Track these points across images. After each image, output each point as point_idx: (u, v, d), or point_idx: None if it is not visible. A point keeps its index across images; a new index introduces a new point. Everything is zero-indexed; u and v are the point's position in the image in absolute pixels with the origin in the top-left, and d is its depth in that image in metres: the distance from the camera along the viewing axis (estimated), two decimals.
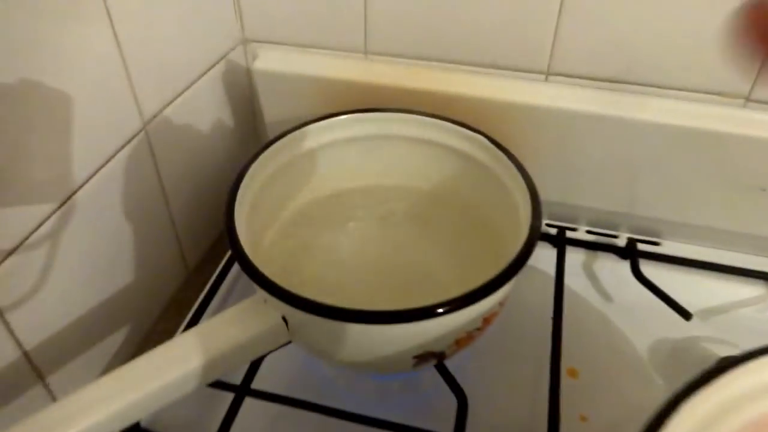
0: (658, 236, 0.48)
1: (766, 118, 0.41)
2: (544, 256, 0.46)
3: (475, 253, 0.38)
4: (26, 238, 0.32)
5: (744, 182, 0.42)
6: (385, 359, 0.31)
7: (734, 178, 0.42)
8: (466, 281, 0.30)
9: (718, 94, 0.43)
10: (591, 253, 0.47)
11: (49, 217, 0.33)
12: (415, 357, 0.31)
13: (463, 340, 0.32)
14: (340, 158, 0.41)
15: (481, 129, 0.39)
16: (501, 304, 0.33)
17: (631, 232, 0.48)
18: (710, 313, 0.43)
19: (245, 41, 0.51)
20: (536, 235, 0.31)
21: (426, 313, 0.28)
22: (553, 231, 0.47)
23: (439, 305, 0.28)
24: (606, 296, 0.44)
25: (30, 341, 0.33)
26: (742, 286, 0.44)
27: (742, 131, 0.40)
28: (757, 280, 0.44)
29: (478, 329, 0.32)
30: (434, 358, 0.32)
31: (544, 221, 0.49)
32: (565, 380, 0.38)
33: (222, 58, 0.49)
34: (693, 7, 0.40)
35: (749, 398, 0.20)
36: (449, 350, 0.32)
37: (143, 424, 0.35)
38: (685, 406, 0.20)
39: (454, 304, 0.28)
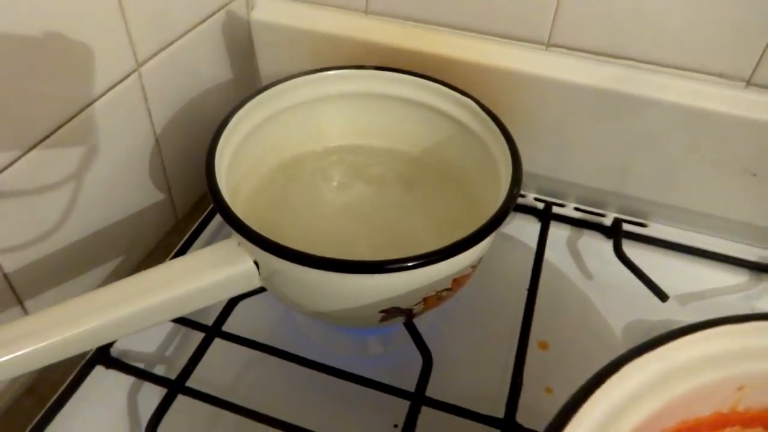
0: (645, 218, 0.47)
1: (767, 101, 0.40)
2: (529, 229, 0.46)
3: (458, 219, 0.38)
4: (9, 166, 0.32)
5: (736, 167, 0.42)
6: (352, 311, 0.31)
7: (727, 162, 0.42)
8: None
9: (719, 75, 0.43)
10: (576, 230, 0.47)
11: (32, 148, 0.33)
12: (382, 311, 0.31)
13: (432, 299, 0.32)
14: (328, 114, 0.41)
15: (476, 95, 0.39)
16: (473, 267, 0.33)
17: (619, 212, 0.48)
18: (691, 297, 0.43)
19: None
20: (510, 204, 0.31)
21: (392, 266, 0.28)
22: (541, 205, 0.47)
23: (405, 259, 0.28)
24: (587, 273, 0.44)
25: (10, 265, 0.34)
26: (725, 273, 0.44)
27: (742, 113, 0.40)
28: (741, 268, 0.44)
29: (448, 290, 0.32)
30: (401, 314, 0.32)
31: (533, 195, 0.49)
32: (535, 352, 0.38)
33: (223, 8, 0.49)
34: None
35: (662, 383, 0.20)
36: (417, 308, 0.32)
37: (115, 353, 0.36)
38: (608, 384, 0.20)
39: (420, 260, 0.28)
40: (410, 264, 0.28)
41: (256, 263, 0.31)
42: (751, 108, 0.40)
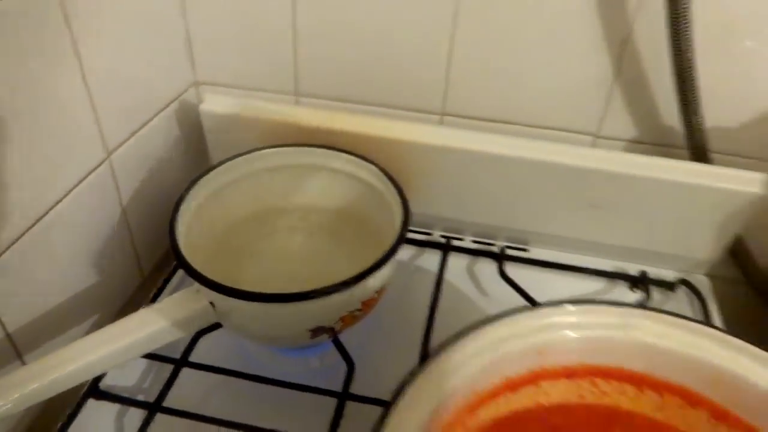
0: (526, 244, 0.59)
1: (604, 154, 0.53)
2: (435, 261, 0.57)
3: (370, 258, 0.49)
4: (5, 250, 0.40)
5: (585, 202, 0.54)
6: (287, 330, 0.41)
7: (579, 199, 0.54)
8: None
9: (575, 131, 0.56)
10: (473, 257, 0.58)
11: (27, 230, 0.42)
12: (310, 330, 0.41)
13: (348, 318, 0.42)
14: (266, 182, 0.52)
15: (386, 162, 0.49)
16: (377, 292, 0.43)
17: (508, 241, 0.59)
18: None
19: (197, 84, 0.62)
20: (397, 246, 0.42)
21: (311, 295, 0.38)
22: (443, 240, 0.58)
23: (321, 289, 0.38)
24: (482, 292, 0.55)
25: (13, 325, 0.42)
26: (587, 282, 0.56)
27: (589, 165, 0.52)
28: (599, 277, 0.56)
29: (359, 310, 0.43)
30: (326, 332, 0.42)
31: (439, 233, 0.60)
32: None
33: (176, 98, 0.59)
34: (559, 65, 0.52)
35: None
36: (338, 326, 0.42)
37: (103, 387, 0.45)
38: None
39: (332, 289, 0.39)
40: (325, 292, 0.39)
41: (212, 303, 0.41)
42: (595, 161, 0.52)
